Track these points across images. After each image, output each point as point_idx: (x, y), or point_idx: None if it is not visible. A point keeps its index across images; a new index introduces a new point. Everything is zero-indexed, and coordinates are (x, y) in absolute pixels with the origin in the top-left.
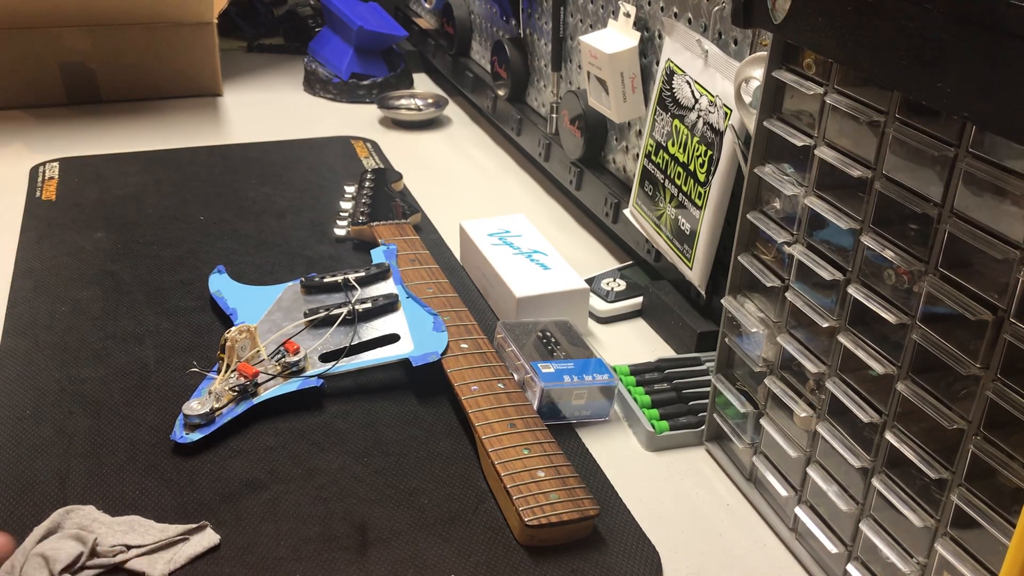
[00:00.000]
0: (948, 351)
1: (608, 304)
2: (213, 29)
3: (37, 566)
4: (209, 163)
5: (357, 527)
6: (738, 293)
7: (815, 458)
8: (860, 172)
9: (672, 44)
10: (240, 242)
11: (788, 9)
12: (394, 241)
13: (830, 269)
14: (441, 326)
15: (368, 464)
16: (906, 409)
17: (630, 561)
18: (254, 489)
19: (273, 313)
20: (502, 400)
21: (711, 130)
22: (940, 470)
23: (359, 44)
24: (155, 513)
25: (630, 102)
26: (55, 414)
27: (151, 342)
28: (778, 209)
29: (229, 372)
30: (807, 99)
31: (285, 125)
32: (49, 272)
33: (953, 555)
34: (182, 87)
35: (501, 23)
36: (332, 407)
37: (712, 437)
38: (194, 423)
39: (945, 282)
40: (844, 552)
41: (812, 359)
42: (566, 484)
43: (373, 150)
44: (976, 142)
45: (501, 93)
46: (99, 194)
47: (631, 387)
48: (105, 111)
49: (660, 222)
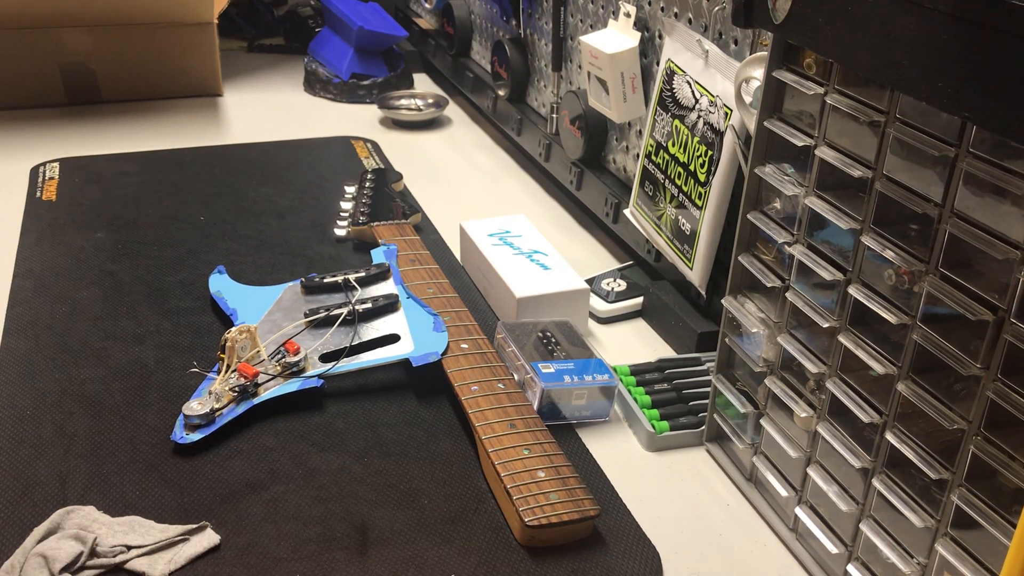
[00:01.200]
0: (948, 351)
1: (608, 304)
2: (213, 29)
3: (37, 566)
4: (209, 163)
5: (357, 527)
6: (738, 293)
7: (815, 458)
8: (860, 172)
9: (672, 44)
10: (240, 242)
11: (788, 9)
12: (394, 241)
13: (830, 269)
14: (441, 326)
15: (368, 464)
16: (906, 409)
17: (630, 561)
18: (254, 489)
19: (273, 313)
20: (502, 400)
21: (711, 130)
22: (940, 470)
23: (359, 44)
24: (155, 513)
25: (630, 102)
26: (55, 414)
27: (151, 342)
28: (778, 209)
29: (229, 372)
30: (807, 99)
31: (285, 125)
32: (49, 272)
33: (953, 555)
34: (182, 87)
35: (501, 23)
36: (332, 407)
37: (712, 437)
38: (194, 423)
39: (945, 282)
40: (844, 552)
41: (812, 359)
42: (566, 484)
43: (373, 150)
44: (976, 142)
45: (501, 93)
46: (99, 194)
47: (631, 387)
48: (105, 111)
49: (660, 222)
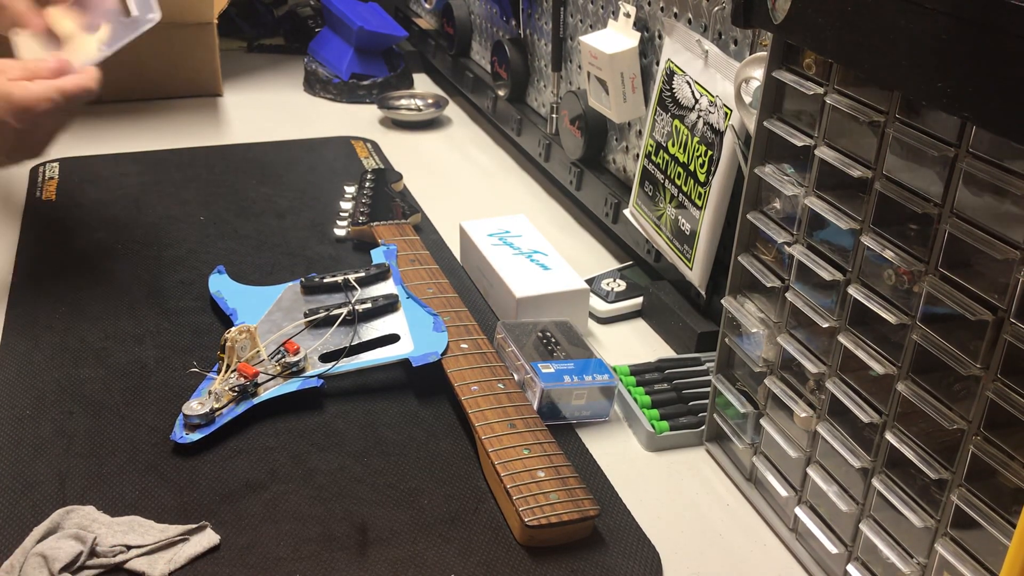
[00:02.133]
0: (948, 351)
1: (608, 304)
2: (213, 29)
3: (36, 565)
4: (209, 163)
5: (357, 527)
6: (738, 293)
7: (815, 458)
8: (860, 172)
9: (672, 44)
10: (240, 242)
11: (788, 9)
12: (394, 241)
13: (830, 269)
14: (441, 326)
15: (368, 464)
16: (906, 409)
17: (630, 561)
18: (254, 489)
19: (273, 313)
20: (502, 400)
21: (711, 130)
22: (940, 470)
23: (359, 44)
24: (155, 513)
25: (630, 102)
26: (55, 414)
27: (151, 342)
28: (778, 209)
29: (229, 372)
30: (807, 99)
31: (285, 125)
32: (49, 272)
33: (953, 555)
34: (182, 87)
35: (501, 23)
36: (332, 407)
37: (712, 437)
38: (194, 423)
39: (945, 282)
40: (844, 552)
41: (812, 359)
42: (566, 484)
43: (373, 150)
44: (976, 142)
45: (501, 93)
46: (99, 194)
47: (631, 387)
48: (105, 111)
49: (660, 222)
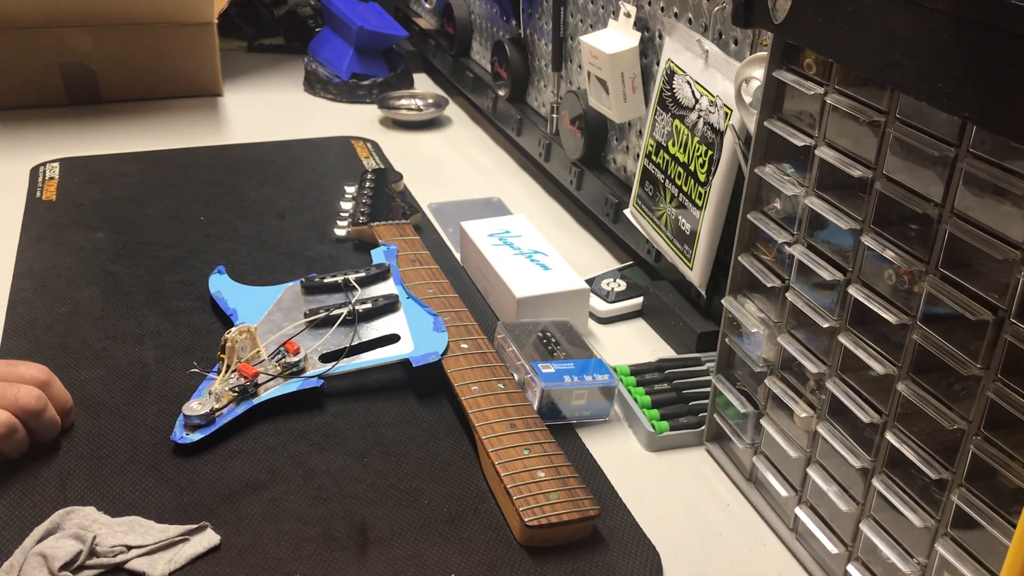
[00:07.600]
0: (948, 351)
1: (608, 304)
2: (213, 29)
3: (36, 565)
4: (209, 163)
5: (357, 527)
6: (738, 293)
7: (815, 458)
8: (860, 172)
9: (672, 44)
10: (240, 242)
11: (788, 9)
12: (394, 241)
13: (830, 269)
14: (441, 326)
15: (368, 464)
16: (906, 409)
17: (630, 561)
18: (254, 489)
19: (273, 313)
20: (502, 400)
21: (711, 130)
22: (940, 470)
23: (359, 44)
24: (155, 514)
25: (630, 102)
26: None
27: (151, 343)
28: (778, 209)
29: (229, 372)
30: (807, 99)
31: (285, 125)
32: (49, 272)
33: (953, 555)
34: (182, 87)
35: (501, 23)
36: (332, 407)
37: (712, 437)
38: (194, 423)
39: (945, 282)
40: (844, 552)
41: (812, 359)
42: (566, 484)
43: (373, 150)
44: (976, 142)
45: (501, 93)
46: (99, 194)
47: (631, 387)
48: (105, 111)
49: (660, 222)
